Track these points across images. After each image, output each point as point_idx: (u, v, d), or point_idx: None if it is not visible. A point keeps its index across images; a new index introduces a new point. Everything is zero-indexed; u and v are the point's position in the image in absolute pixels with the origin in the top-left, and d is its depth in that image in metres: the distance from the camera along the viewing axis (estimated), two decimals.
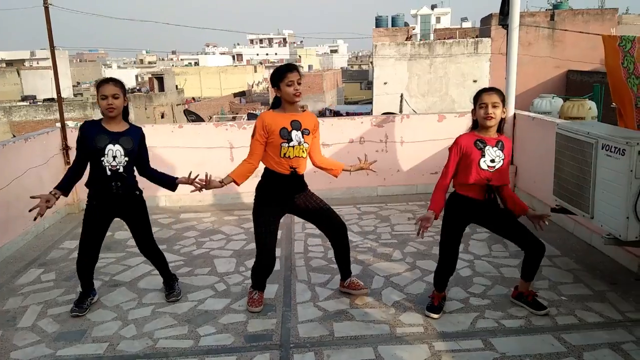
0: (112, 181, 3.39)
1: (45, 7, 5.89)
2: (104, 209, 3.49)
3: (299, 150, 3.37)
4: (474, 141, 3.19)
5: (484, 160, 3.16)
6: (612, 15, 20.39)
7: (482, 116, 3.15)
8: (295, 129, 3.35)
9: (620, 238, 3.30)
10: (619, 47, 4.16)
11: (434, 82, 19.86)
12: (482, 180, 3.18)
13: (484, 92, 3.18)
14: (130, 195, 3.53)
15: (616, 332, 3.14)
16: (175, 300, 3.73)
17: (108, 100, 3.33)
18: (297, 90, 3.29)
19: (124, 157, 3.38)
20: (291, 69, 3.31)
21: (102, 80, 3.42)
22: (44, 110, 27.87)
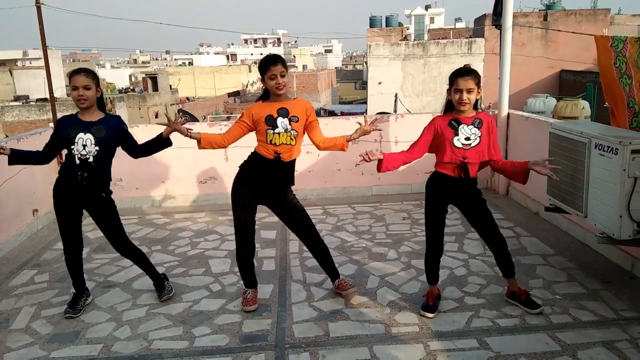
0: (78, 170, 3.33)
1: (37, 6, 5.86)
2: (69, 199, 3.43)
3: (286, 137, 3.35)
4: (448, 121, 3.24)
5: (457, 139, 3.19)
6: (605, 15, 20.54)
7: (457, 101, 3.17)
8: (282, 115, 3.34)
9: (614, 237, 3.32)
10: (612, 48, 4.18)
11: (428, 82, 19.92)
12: (456, 158, 3.21)
13: (460, 76, 3.16)
14: (94, 190, 3.43)
15: (610, 331, 3.16)
16: (168, 298, 3.71)
17: (79, 91, 3.29)
18: (279, 84, 3.30)
19: (94, 146, 3.31)
20: (274, 61, 3.30)
21: (73, 70, 3.38)
22: (37, 110, 27.68)
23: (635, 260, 3.93)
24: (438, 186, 3.33)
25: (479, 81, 3.19)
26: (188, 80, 53.81)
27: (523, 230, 4.97)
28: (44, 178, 5.69)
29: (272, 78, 3.29)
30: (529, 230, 4.96)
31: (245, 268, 3.61)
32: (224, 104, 42.14)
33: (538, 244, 4.63)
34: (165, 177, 6.24)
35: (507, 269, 3.43)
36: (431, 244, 3.41)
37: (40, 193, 5.58)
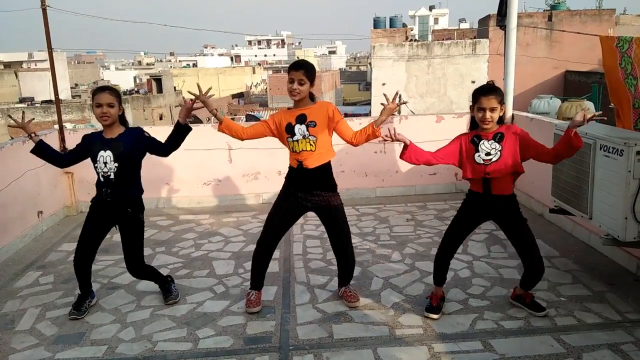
0: (102, 187, 3.41)
1: (42, 8, 5.88)
2: (98, 213, 3.50)
3: (305, 143, 3.34)
4: (471, 137, 3.25)
5: (478, 155, 3.20)
6: (610, 15, 20.43)
7: (479, 119, 3.18)
8: (299, 122, 3.34)
9: (619, 238, 3.30)
10: (617, 48, 4.17)
11: (432, 83, 19.88)
12: (478, 174, 3.21)
13: (483, 95, 3.14)
14: (120, 206, 3.45)
15: (615, 333, 3.14)
16: (174, 303, 3.72)
17: (102, 108, 3.35)
18: (294, 89, 3.28)
19: (114, 162, 3.36)
20: (296, 67, 3.30)
21: (97, 88, 3.47)
22: (42, 112, 27.80)
23: None
24: (468, 202, 3.37)
25: (502, 99, 3.18)
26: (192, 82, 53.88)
27: None
28: (49, 180, 5.72)
29: (290, 82, 3.29)
30: (533, 232, 4.91)
31: (259, 266, 3.59)
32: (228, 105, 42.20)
33: (542, 245, 4.61)
34: (170, 179, 6.25)
35: (529, 285, 3.41)
36: (445, 246, 3.41)
37: (45, 195, 5.61)
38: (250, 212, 5.96)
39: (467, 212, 3.38)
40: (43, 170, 5.59)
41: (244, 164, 6.27)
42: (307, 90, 3.31)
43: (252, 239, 5.05)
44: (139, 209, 3.54)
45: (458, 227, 3.40)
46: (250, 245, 4.88)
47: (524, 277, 3.43)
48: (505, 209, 3.29)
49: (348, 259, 3.64)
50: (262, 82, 57.35)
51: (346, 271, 3.69)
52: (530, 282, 3.39)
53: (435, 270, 3.50)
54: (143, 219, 3.56)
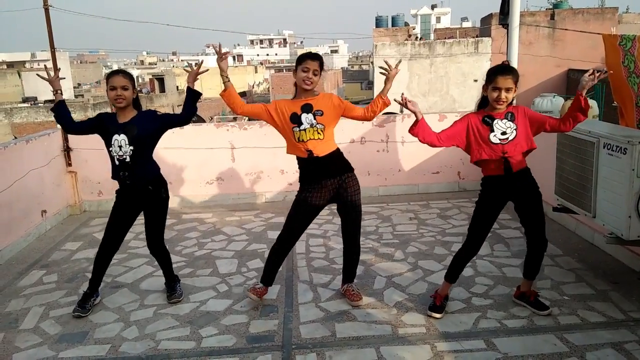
0: (120, 171, 3.42)
1: (45, 8, 5.90)
2: (123, 201, 3.51)
3: (313, 132, 3.35)
4: (481, 118, 3.17)
5: (494, 135, 3.13)
6: (613, 14, 20.37)
7: (494, 99, 3.11)
8: (305, 112, 3.35)
9: (623, 237, 3.30)
10: (620, 46, 4.16)
11: (434, 82, 19.85)
12: (496, 154, 3.14)
13: (500, 74, 3.09)
14: (142, 188, 3.49)
15: (619, 332, 3.13)
16: (177, 302, 3.72)
17: (117, 91, 3.36)
18: (309, 79, 3.30)
19: (129, 146, 3.37)
20: (313, 57, 3.33)
21: (111, 71, 3.47)
22: (45, 111, 27.86)
23: None
24: (488, 190, 3.26)
25: (518, 79, 3.13)
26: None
27: None
28: (52, 179, 5.73)
29: (304, 71, 3.30)
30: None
31: (273, 262, 3.60)
32: None
33: None
34: (173, 177, 6.25)
35: (534, 271, 3.39)
36: (472, 243, 3.32)
37: (49, 194, 5.63)
38: (253, 211, 5.97)
39: (490, 200, 3.26)
40: (47, 169, 5.61)
41: (247, 163, 6.28)
42: (317, 81, 3.36)
43: (255, 238, 5.05)
44: (161, 185, 3.57)
45: (484, 219, 3.28)
46: (253, 244, 4.88)
47: (528, 264, 3.38)
48: (526, 186, 3.24)
49: (356, 249, 3.64)
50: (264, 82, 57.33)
51: (350, 265, 3.69)
52: (535, 266, 3.35)
53: (454, 268, 3.43)
54: (166, 196, 3.61)
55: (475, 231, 3.32)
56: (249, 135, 6.21)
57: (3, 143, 5.34)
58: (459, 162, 6.17)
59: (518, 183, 3.22)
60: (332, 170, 3.43)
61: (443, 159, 6.34)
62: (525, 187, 3.24)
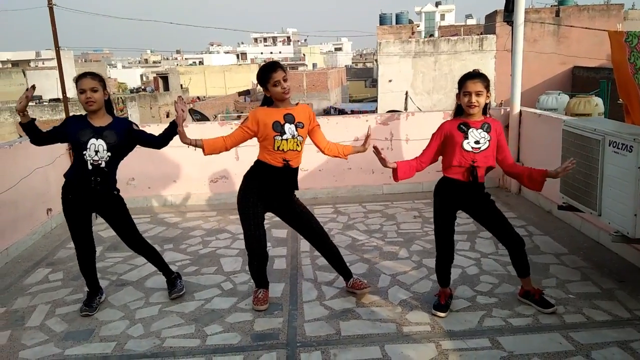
0: (92, 176, 3.35)
1: (49, 7, 5.92)
2: (81, 203, 3.45)
3: (293, 143, 3.36)
4: (457, 125, 3.22)
5: (467, 142, 3.18)
6: (618, 11, 20.24)
7: (466, 104, 3.17)
8: (289, 122, 3.34)
9: (629, 235, 3.28)
10: (626, 43, 4.13)
11: (439, 80, 19.80)
12: (465, 162, 3.19)
13: (468, 79, 3.16)
14: (108, 193, 3.47)
15: (625, 331, 3.12)
16: (178, 297, 3.72)
17: (86, 94, 3.30)
18: (285, 89, 3.29)
19: (107, 152, 3.34)
20: (274, 68, 3.29)
21: (79, 75, 3.39)
22: (50, 110, 27.97)
23: None
24: (447, 191, 3.31)
25: (488, 84, 3.18)
26: (199, 80, 54.03)
27: (536, 229, 4.93)
28: (57, 178, 5.74)
29: (275, 85, 3.27)
30: (542, 229, 4.92)
31: (257, 272, 3.62)
32: (234, 102, 42.25)
33: (551, 242, 4.59)
34: (177, 176, 6.27)
35: (523, 268, 3.39)
36: (441, 250, 3.38)
37: (54, 192, 5.64)
38: None
39: (447, 205, 3.32)
40: (52, 168, 5.63)
41: (250, 161, 6.21)
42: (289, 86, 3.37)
43: None
44: (118, 191, 3.58)
45: (444, 224, 3.33)
46: None
47: (515, 264, 3.39)
48: (482, 196, 3.32)
49: (334, 249, 3.69)
50: None
51: (341, 263, 3.71)
52: (523, 262, 3.36)
53: (438, 274, 3.46)
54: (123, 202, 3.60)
55: (442, 235, 3.35)
56: None
57: (8, 142, 5.37)
58: None
59: (480, 193, 3.29)
60: (292, 184, 3.50)
61: None
62: (479, 197, 3.31)
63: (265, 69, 3.32)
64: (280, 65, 3.35)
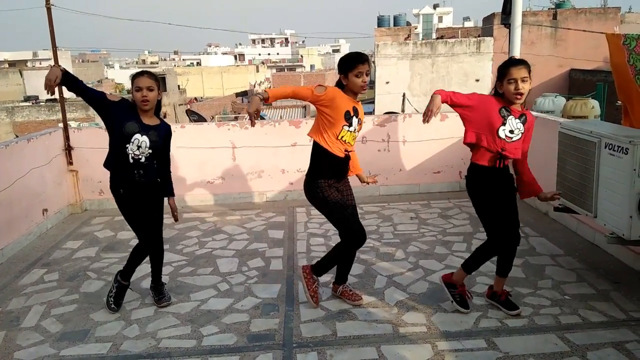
0: (134, 169, 3.39)
1: (47, 7, 5.90)
2: (134, 196, 3.48)
3: (352, 136, 3.37)
4: (499, 107, 3.12)
5: (503, 129, 3.11)
6: (615, 14, 20.35)
7: (512, 92, 3.06)
8: (355, 115, 3.34)
9: (624, 237, 3.29)
10: (624, 46, 4.14)
11: (436, 82, 19.82)
12: (495, 147, 3.12)
13: (513, 65, 3.07)
14: (153, 182, 3.54)
15: (620, 332, 3.13)
16: (167, 305, 3.68)
17: (142, 92, 3.31)
18: (365, 83, 3.27)
19: (148, 149, 3.38)
20: (362, 60, 3.23)
21: (137, 72, 3.42)
22: (47, 110, 27.87)
23: None
24: (482, 178, 3.22)
25: (530, 69, 3.09)
26: (196, 81, 54.00)
27: (532, 230, 4.94)
28: (53, 178, 5.74)
29: (358, 76, 3.22)
30: (538, 231, 4.93)
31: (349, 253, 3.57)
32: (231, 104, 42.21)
33: (547, 244, 4.60)
34: (174, 176, 6.22)
35: (507, 268, 3.38)
36: (496, 237, 3.24)
37: (50, 193, 5.63)
38: (254, 210, 5.97)
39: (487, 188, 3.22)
40: (48, 168, 5.61)
41: (248, 162, 6.28)
42: None
43: (256, 237, 5.06)
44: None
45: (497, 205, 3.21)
46: (254, 243, 4.88)
47: (504, 261, 3.35)
48: (510, 183, 3.27)
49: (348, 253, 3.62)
50: (266, 81, 57.36)
51: (347, 268, 3.67)
52: (508, 263, 3.34)
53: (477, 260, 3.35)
54: None
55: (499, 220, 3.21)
56: (250, 135, 6.21)
57: (4, 142, 5.35)
58: (460, 161, 6.16)
59: (503, 179, 3.23)
60: (347, 171, 3.52)
61: (444, 158, 6.34)
62: (508, 183, 3.26)
63: (353, 57, 3.26)
64: (368, 59, 3.30)
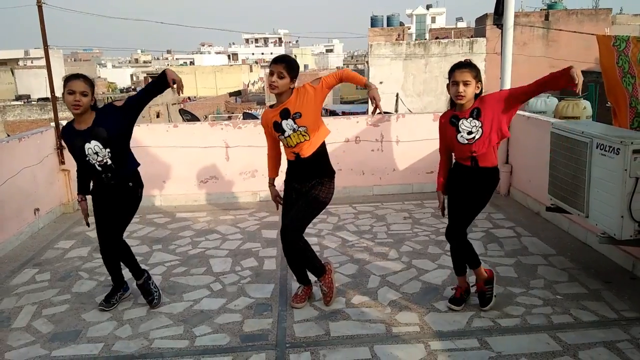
0: (102, 173, 3.33)
1: (38, 5, 5.85)
2: (102, 198, 3.44)
3: (298, 136, 3.32)
4: (449, 118, 3.24)
5: (460, 135, 3.19)
6: (606, 15, 20.50)
7: (454, 94, 3.16)
8: (284, 117, 3.30)
9: (615, 237, 3.31)
10: (614, 47, 4.17)
11: (429, 82, 19.90)
12: (465, 154, 3.22)
13: (456, 68, 3.15)
14: (122, 185, 3.41)
15: (611, 331, 3.15)
16: (157, 305, 3.63)
17: (75, 96, 3.17)
18: (273, 82, 3.23)
19: (104, 149, 3.26)
20: (276, 60, 3.27)
21: (70, 75, 3.29)
22: (38, 109, 27.67)
23: (636, 261, 3.93)
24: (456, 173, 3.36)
25: (478, 74, 3.13)
26: (189, 80, 53.75)
27: (524, 230, 4.96)
28: (45, 178, 5.70)
29: (270, 75, 3.27)
30: (530, 230, 4.96)
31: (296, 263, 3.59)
32: (225, 103, 42.12)
33: (539, 243, 4.63)
34: (167, 176, 6.24)
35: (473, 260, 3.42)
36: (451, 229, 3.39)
37: (42, 192, 5.59)
38: (247, 210, 5.95)
39: (456, 185, 3.35)
40: (39, 167, 5.57)
41: (241, 162, 6.26)
42: (286, 84, 3.25)
43: (250, 237, 5.05)
44: (138, 184, 3.49)
45: (453, 204, 3.37)
46: (247, 243, 4.87)
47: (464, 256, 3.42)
48: (487, 182, 3.28)
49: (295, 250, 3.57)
50: (259, 80, 57.28)
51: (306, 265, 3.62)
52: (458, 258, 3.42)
53: (453, 260, 3.48)
54: (140, 196, 3.52)
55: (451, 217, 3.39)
56: (243, 134, 6.20)
57: None
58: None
59: (485, 177, 3.26)
60: (310, 173, 3.40)
61: (437, 158, 6.32)
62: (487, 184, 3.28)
63: (273, 58, 3.33)
64: (283, 60, 3.25)
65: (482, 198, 3.31)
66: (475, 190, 3.28)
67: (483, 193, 3.30)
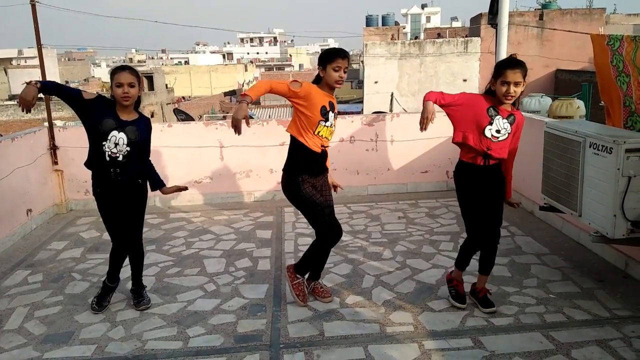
0: (110, 167, 3.32)
1: (32, 4, 5.81)
2: (110, 195, 3.41)
3: (329, 131, 3.37)
4: (487, 107, 3.15)
5: (489, 129, 3.13)
6: (600, 14, 20.59)
7: (502, 94, 3.08)
8: (332, 109, 3.35)
9: (608, 236, 3.33)
10: (608, 46, 4.18)
11: (424, 81, 19.91)
12: (480, 147, 3.16)
13: (509, 67, 3.06)
14: (132, 183, 3.44)
15: (604, 330, 3.17)
16: (146, 309, 3.63)
17: (124, 88, 3.24)
18: (342, 78, 3.29)
19: (126, 146, 3.30)
20: (342, 55, 3.27)
21: (118, 67, 3.36)
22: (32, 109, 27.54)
23: (629, 259, 3.95)
24: (468, 174, 3.27)
25: (526, 73, 3.10)
26: (184, 80, 53.65)
27: (517, 230, 4.98)
28: (38, 178, 5.66)
29: (336, 70, 3.25)
30: (523, 230, 4.97)
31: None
32: (220, 103, 42.02)
33: (532, 243, 4.64)
34: (161, 176, 6.18)
35: (487, 266, 3.42)
36: (471, 233, 3.35)
37: (35, 193, 5.56)
38: (241, 210, 5.94)
39: (472, 186, 3.26)
40: (32, 168, 5.54)
41: (235, 162, 6.25)
42: None
43: (244, 237, 5.03)
44: (146, 182, 3.57)
45: (473, 204, 3.27)
46: (241, 243, 4.86)
47: (482, 259, 3.41)
48: (498, 182, 3.29)
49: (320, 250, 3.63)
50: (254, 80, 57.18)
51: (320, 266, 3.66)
52: (488, 261, 3.40)
53: (461, 257, 3.46)
54: (147, 194, 3.59)
55: (470, 220, 3.32)
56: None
57: None
58: (448, 161, 6.19)
59: (490, 177, 3.25)
60: (325, 167, 3.52)
61: (431, 158, 6.37)
62: (494, 178, 3.28)
63: (335, 51, 3.30)
64: (349, 57, 3.33)
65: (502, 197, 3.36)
66: (498, 188, 3.31)
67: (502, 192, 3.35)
